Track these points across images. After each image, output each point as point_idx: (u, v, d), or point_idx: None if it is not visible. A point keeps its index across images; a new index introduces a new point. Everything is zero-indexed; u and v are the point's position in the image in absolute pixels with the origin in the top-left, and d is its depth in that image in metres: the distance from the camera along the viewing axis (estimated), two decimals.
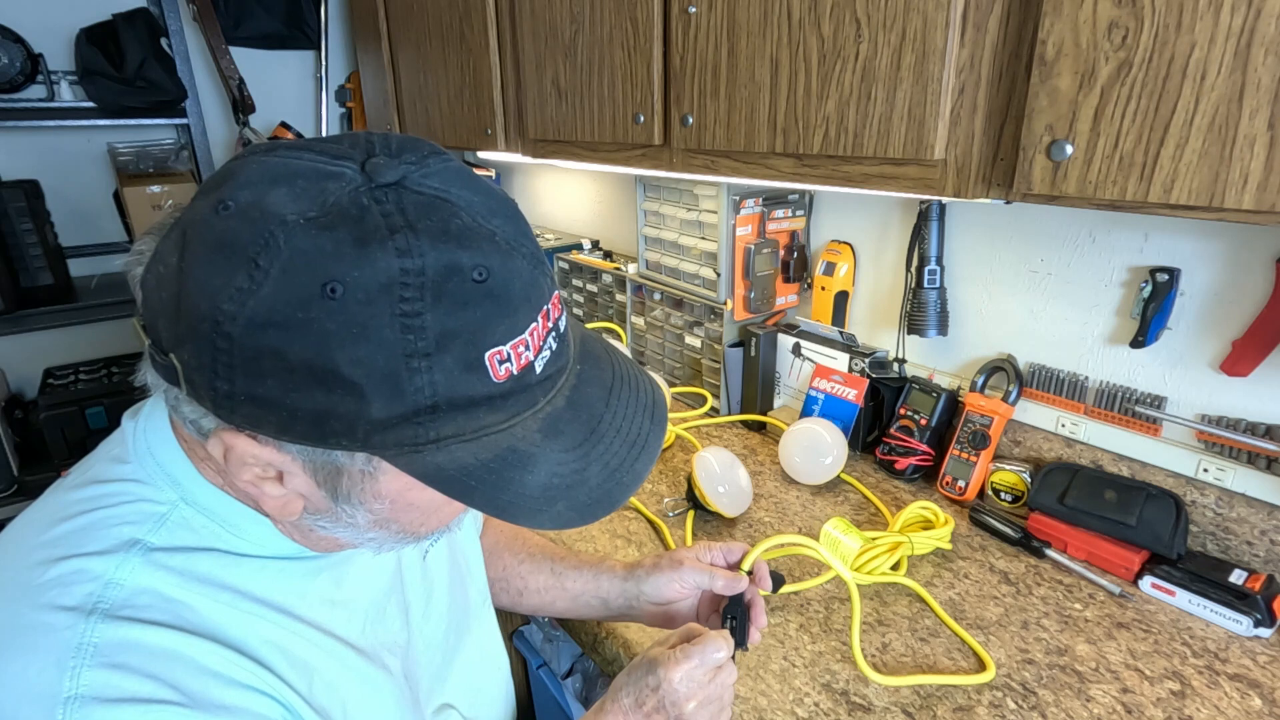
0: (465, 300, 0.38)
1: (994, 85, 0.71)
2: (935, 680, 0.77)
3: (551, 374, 0.44)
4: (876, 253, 1.27)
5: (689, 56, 0.99)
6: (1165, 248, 0.93)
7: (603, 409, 0.47)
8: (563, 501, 0.44)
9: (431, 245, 0.37)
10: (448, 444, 0.40)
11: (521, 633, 1.26)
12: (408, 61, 1.75)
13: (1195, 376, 0.93)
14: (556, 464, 0.43)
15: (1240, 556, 0.91)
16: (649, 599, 0.73)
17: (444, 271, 0.38)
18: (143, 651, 0.42)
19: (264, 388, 0.37)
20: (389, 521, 0.47)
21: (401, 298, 0.37)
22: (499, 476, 0.41)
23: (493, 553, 0.83)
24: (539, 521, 0.44)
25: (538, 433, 0.43)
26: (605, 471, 0.46)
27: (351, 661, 0.54)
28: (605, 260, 1.70)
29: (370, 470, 0.42)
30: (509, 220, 0.42)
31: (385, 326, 0.37)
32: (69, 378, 2.10)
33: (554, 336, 0.44)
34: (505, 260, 0.40)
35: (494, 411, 0.41)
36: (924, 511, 1.02)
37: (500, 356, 0.40)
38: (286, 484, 0.44)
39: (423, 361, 0.37)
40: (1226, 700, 0.74)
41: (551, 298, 0.44)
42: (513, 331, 0.40)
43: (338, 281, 0.36)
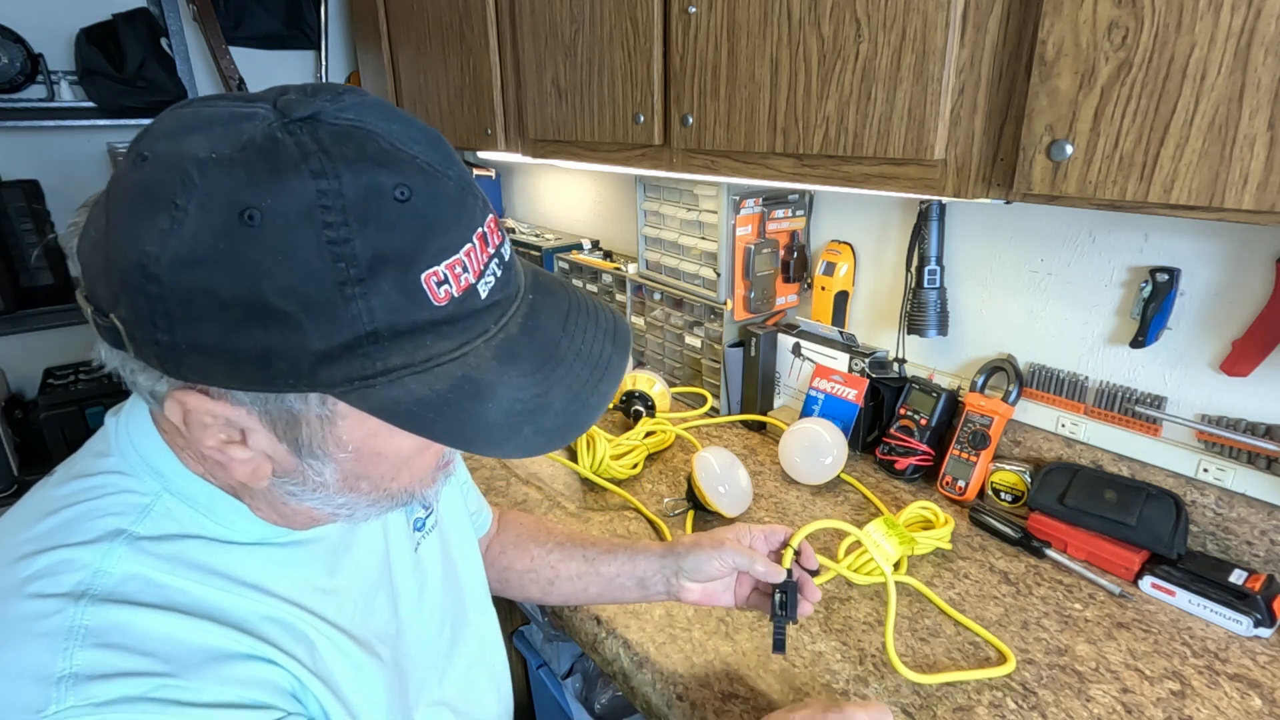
0: (391, 221, 0.38)
1: (994, 85, 0.71)
2: (965, 677, 0.76)
3: (499, 300, 0.44)
4: (876, 253, 1.27)
5: (689, 56, 0.99)
6: (1165, 248, 0.93)
7: (560, 334, 0.47)
8: (529, 427, 0.43)
9: (348, 167, 0.37)
10: (399, 376, 0.40)
11: (521, 633, 1.26)
12: (408, 61, 1.75)
13: (1195, 376, 0.93)
14: (517, 389, 0.43)
15: (1240, 556, 0.91)
16: (688, 576, 0.73)
17: (364, 192, 0.37)
18: (135, 632, 0.42)
19: (202, 332, 0.37)
20: (359, 478, 0.46)
21: (325, 223, 0.36)
22: (457, 407, 0.41)
23: (517, 546, 0.84)
24: (507, 450, 0.43)
25: (493, 360, 0.43)
26: (569, 395, 0.45)
27: (346, 646, 0.54)
28: (605, 260, 1.70)
29: (327, 414, 0.42)
30: (431, 147, 0.41)
31: (312, 253, 0.36)
32: (69, 378, 2.10)
33: (497, 263, 0.43)
34: (428, 181, 0.40)
35: (441, 338, 0.41)
36: (924, 511, 1.02)
37: (437, 278, 0.39)
38: (250, 443, 0.44)
39: (356, 288, 0.37)
40: (1226, 700, 0.74)
41: (486, 221, 0.43)
42: (446, 252, 0.40)
43: (254, 208, 0.36)
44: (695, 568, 0.73)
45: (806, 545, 0.71)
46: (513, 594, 0.84)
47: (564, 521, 1.09)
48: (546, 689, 1.16)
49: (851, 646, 0.82)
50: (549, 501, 1.14)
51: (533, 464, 1.26)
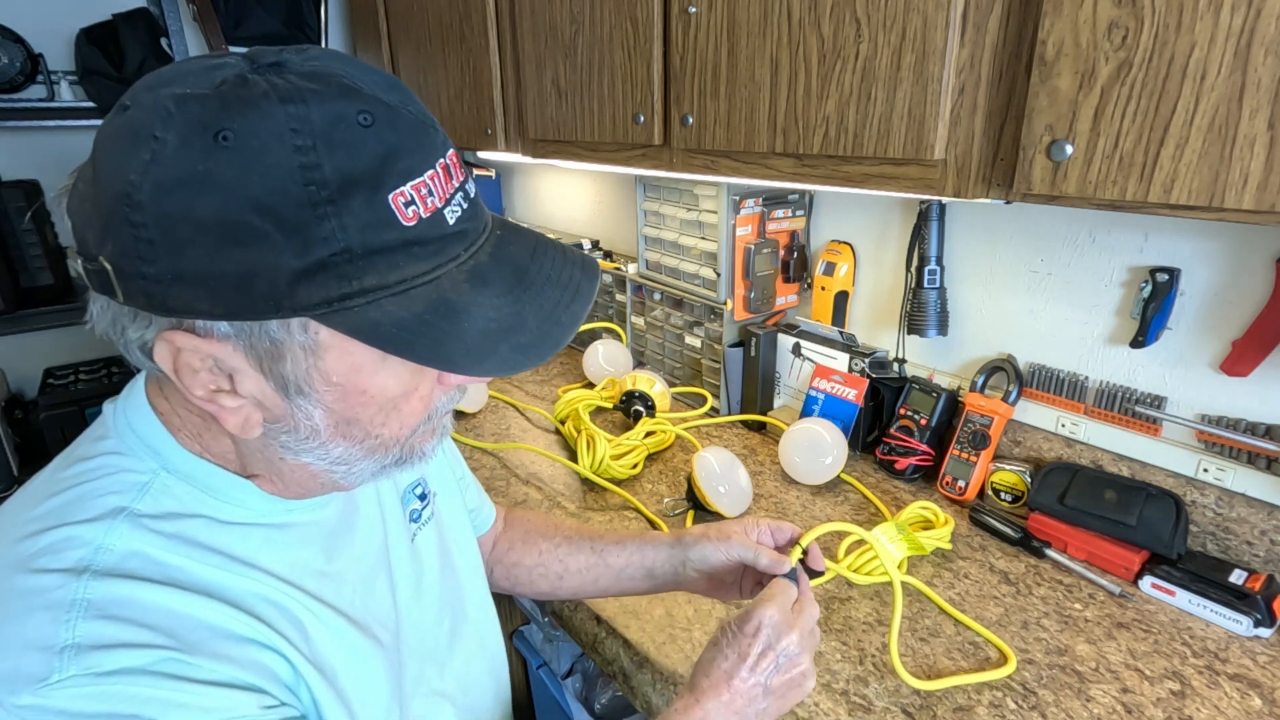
0: (356, 145, 0.40)
1: (994, 85, 0.71)
2: (967, 681, 0.76)
3: (467, 229, 0.45)
4: (876, 253, 1.27)
5: (689, 56, 0.99)
6: (1165, 248, 0.93)
7: (529, 262, 0.49)
8: (505, 344, 0.45)
9: (314, 96, 0.39)
10: (376, 298, 0.41)
11: (521, 633, 1.26)
12: (408, 61, 1.75)
13: (1195, 376, 0.93)
14: (491, 309, 0.45)
15: (1240, 556, 0.91)
16: (694, 566, 0.74)
17: (330, 117, 0.39)
18: (136, 606, 0.43)
19: (186, 259, 0.39)
20: (349, 422, 0.47)
21: (296, 146, 0.38)
22: (434, 328, 0.43)
23: (526, 541, 0.84)
24: (486, 368, 0.45)
25: (465, 283, 0.45)
26: (541, 314, 0.47)
27: (343, 629, 0.54)
28: (605, 260, 1.70)
29: (310, 344, 0.43)
30: (391, 88, 0.43)
31: (285, 174, 0.38)
32: (69, 378, 2.10)
33: (463, 196, 0.46)
34: (389, 110, 0.42)
35: (413, 260, 0.42)
36: (924, 511, 1.02)
37: (404, 198, 0.41)
38: (240, 389, 0.44)
39: (328, 207, 0.39)
40: (1226, 700, 0.74)
41: (448, 155, 0.45)
42: (410, 173, 0.42)
43: (227, 129, 0.38)
44: (701, 558, 0.74)
45: (815, 547, 0.72)
46: (522, 590, 0.84)
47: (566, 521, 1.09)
48: (546, 689, 1.16)
49: (851, 646, 0.82)
50: (549, 501, 1.14)
51: (533, 464, 1.26)
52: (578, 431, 1.26)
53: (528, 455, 1.29)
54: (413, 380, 0.48)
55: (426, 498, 0.72)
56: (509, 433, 1.38)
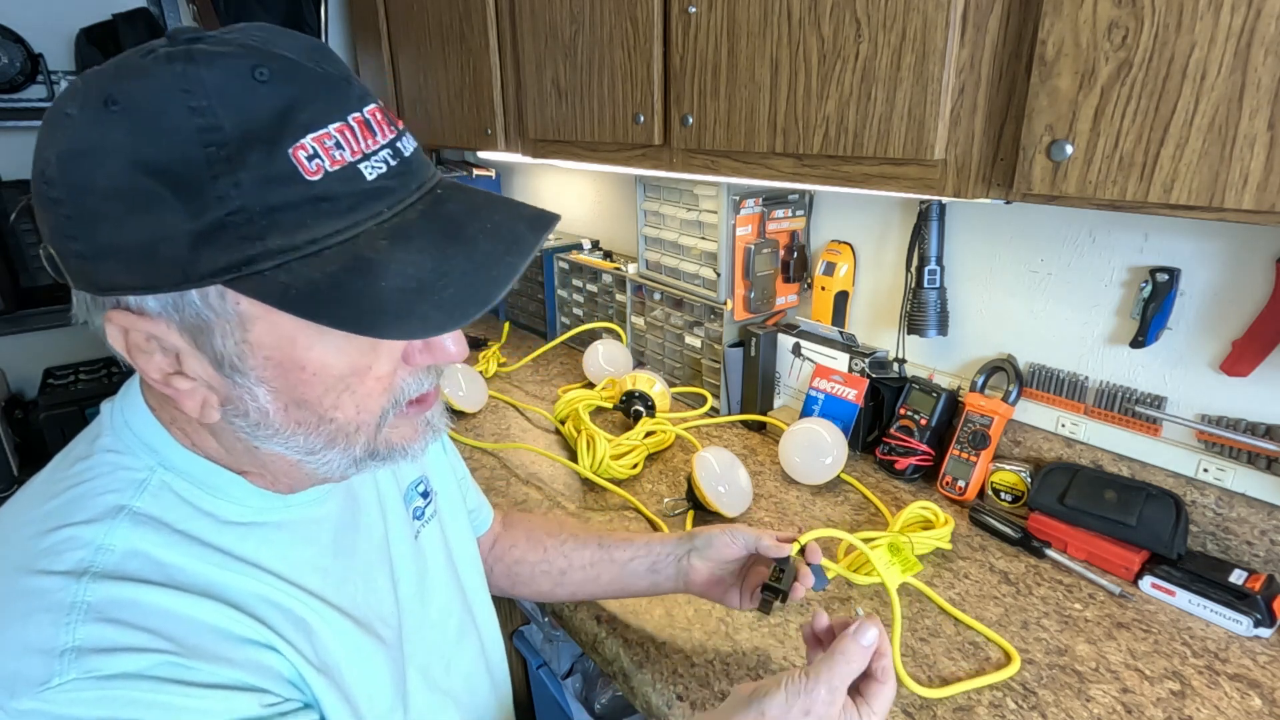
0: (252, 99, 0.39)
1: (994, 85, 0.71)
2: (973, 685, 0.76)
3: (391, 187, 0.43)
4: (876, 253, 1.27)
5: (689, 56, 0.99)
6: (1165, 248, 0.93)
7: (465, 217, 0.45)
8: (426, 302, 0.41)
9: (206, 56, 0.39)
10: (285, 260, 0.40)
11: (521, 633, 1.26)
12: (408, 61, 1.75)
13: (1195, 376, 0.93)
14: (411, 266, 0.42)
15: (1240, 556, 0.91)
16: (700, 555, 0.76)
17: (224, 74, 0.38)
18: (136, 608, 0.43)
19: (101, 232, 0.39)
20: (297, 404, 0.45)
21: (191, 107, 0.38)
22: (347, 288, 0.40)
23: (530, 540, 0.85)
24: (408, 327, 0.41)
25: (384, 240, 0.42)
26: (470, 266, 0.43)
27: (346, 628, 0.54)
28: (605, 260, 1.70)
29: (232, 314, 0.42)
30: (309, 50, 0.42)
31: (183, 137, 0.38)
32: (69, 378, 2.10)
33: (390, 153, 0.43)
34: (289, 65, 0.40)
35: (323, 217, 0.40)
36: (924, 511, 1.02)
37: (305, 151, 0.39)
38: (186, 368, 0.44)
39: (223, 165, 0.38)
40: (1226, 700, 0.74)
41: (368, 110, 0.43)
42: (311, 126, 0.40)
43: (116, 94, 0.38)
44: (707, 543, 0.75)
45: (814, 545, 0.73)
46: (522, 590, 0.84)
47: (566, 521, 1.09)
48: (546, 689, 1.16)
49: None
50: (549, 501, 1.14)
51: (533, 464, 1.26)
52: (578, 431, 1.26)
53: (528, 455, 1.29)
54: (362, 358, 0.45)
55: (429, 495, 0.72)
56: (509, 433, 1.38)
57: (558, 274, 1.81)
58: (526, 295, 1.92)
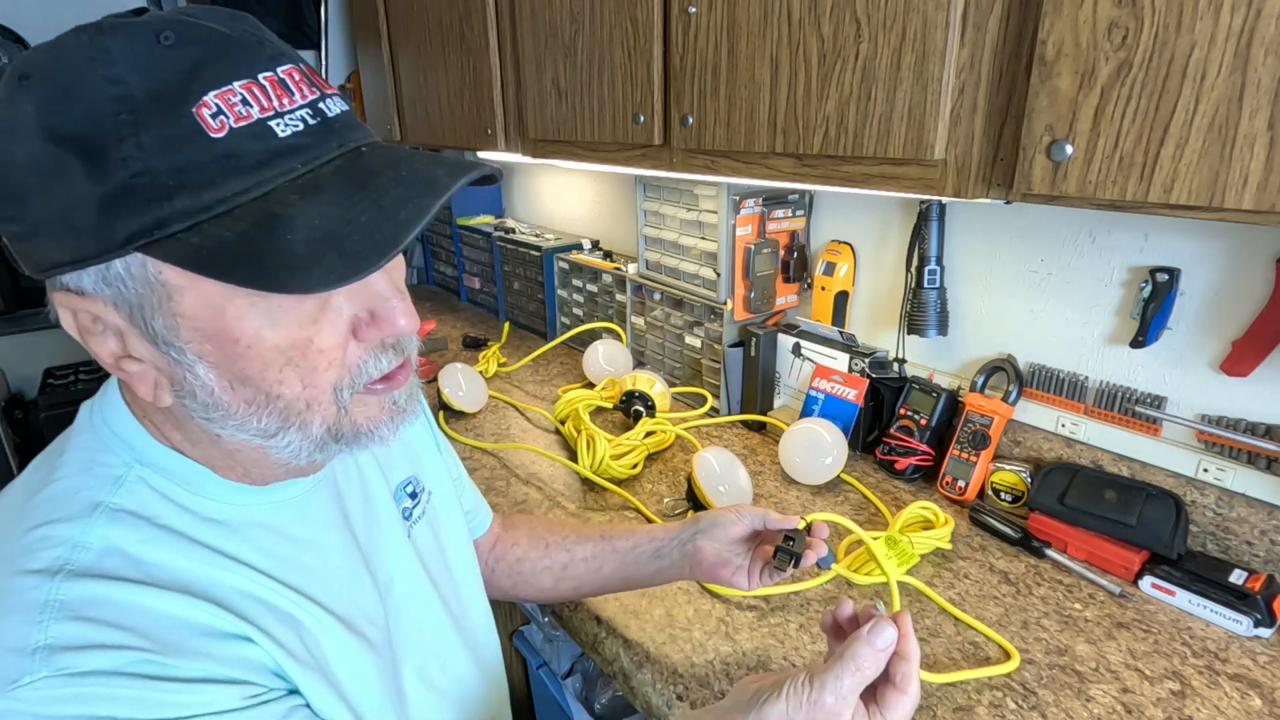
0: (159, 62, 0.39)
1: (994, 85, 0.71)
2: (968, 676, 0.76)
3: (308, 144, 0.42)
4: (876, 253, 1.27)
5: (689, 56, 0.99)
6: (1165, 248, 0.93)
7: (382, 168, 0.44)
8: (332, 252, 0.40)
9: (116, 28, 0.39)
10: (196, 221, 0.40)
11: (521, 633, 1.26)
12: (408, 61, 1.75)
13: (1195, 376, 0.93)
14: (318, 217, 0.40)
15: (1240, 556, 0.91)
16: (706, 536, 0.74)
17: (131, 42, 0.39)
18: (111, 606, 0.43)
19: (29, 208, 0.40)
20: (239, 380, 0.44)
21: (103, 76, 0.38)
22: (256, 244, 0.39)
23: (532, 538, 0.85)
24: (313, 279, 0.39)
25: (295, 195, 0.41)
26: (377, 211, 0.41)
27: (332, 626, 0.54)
28: (605, 260, 1.70)
29: (159, 285, 0.41)
30: (231, 19, 0.43)
31: (97, 106, 0.38)
32: (69, 378, 2.10)
33: (308, 111, 0.43)
34: (198, 29, 0.41)
35: (231, 175, 0.40)
36: (924, 511, 1.02)
37: (209, 109, 0.39)
38: (131, 348, 0.44)
39: (129, 130, 0.38)
40: (1226, 700, 0.74)
41: (284, 70, 0.43)
42: (217, 82, 0.40)
43: (28, 69, 0.39)
44: (712, 523, 0.74)
45: (820, 523, 0.72)
46: (524, 590, 0.84)
47: (566, 521, 1.09)
48: (546, 689, 1.16)
49: None
50: (549, 501, 1.14)
51: (533, 464, 1.26)
52: (578, 431, 1.26)
53: (528, 455, 1.29)
54: (302, 329, 0.44)
55: (418, 495, 0.71)
56: (509, 433, 1.38)
57: (558, 274, 1.81)
58: (526, 295, 1.92)
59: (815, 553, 0.69)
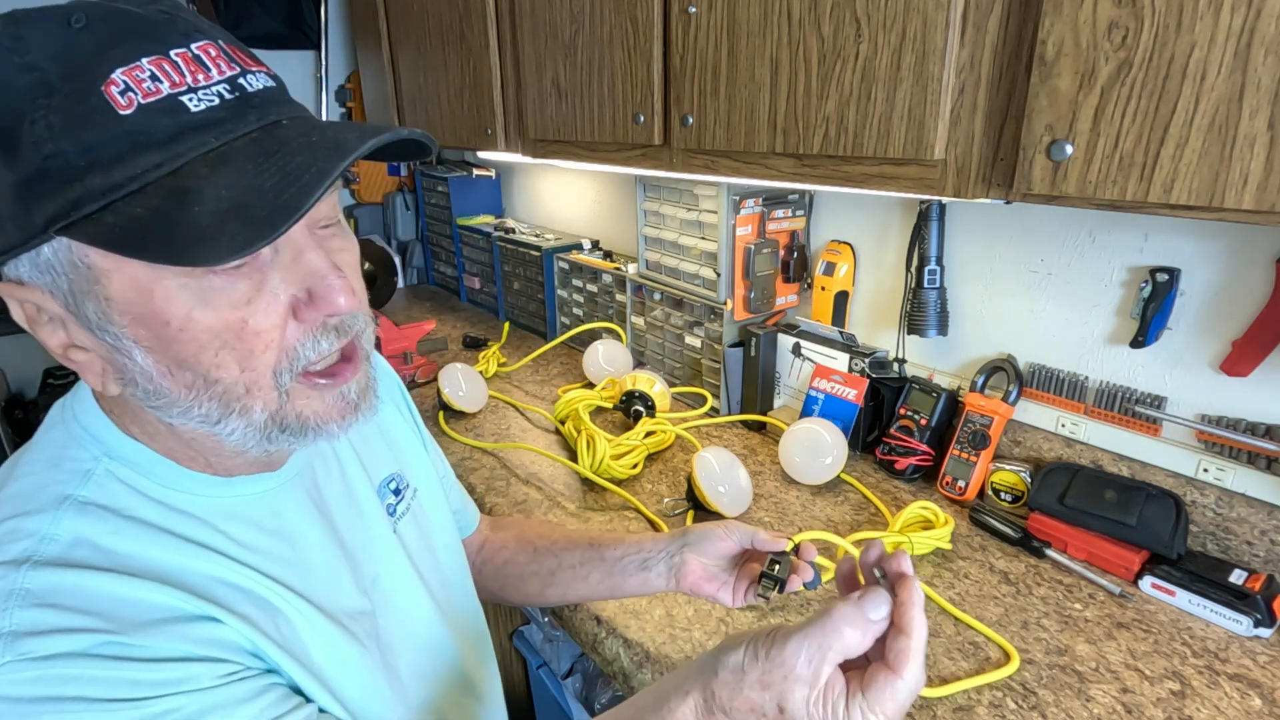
0: (71, 45, 0.39)
1: (994, 85, 0.71)
2: (971, 684, 0.76)
3: (222, 119, 0.42)
4: (876, 253, 1.27)
5: (689, 56, 0.99)
6: (1165, 248, 0.93)
7: (295, 136, 0.43)
8: (236, 221, 0.39)
9: (28, 14, 0.40)
10: (110, 199, 0.40)
11: (521, 633, 1.26)
12: (408, 61, 1.75)
13: (1195, 376, 0.93)
14: (224, 187, 0.40)
15: (1240, 556, 0.91)
16: (693, 550, 0.74)
17: (43, 26, 0.39)
18: (78, 594, 0.43)
19: None
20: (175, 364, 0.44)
21: (18, 64, 0.38)
22: (165, 218, 0.39)
23: (520, 541, 0.84)
24: (217, 251, 0.39)
25: (205, 168, 0.41)
26: (283, 177, 0.41)
27: (310, 615, 0.54)
28: (605, 260, 1.70)
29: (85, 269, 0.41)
30: (145, 3, 0.42)
31: (16, 94, 0.38)
32: (69, 378, 2.10)
33: (225, 87, 0.42)
34: (104, 9, 0.41)
35: (142, 151, 0.40)
36: (924, 511, 1.02)
37: (117, 86, 0.39)
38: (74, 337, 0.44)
39: (40, 112, 0.38)
40: (1226, 700, 0.74)
41: (199, 46, 0.42)
42: (125, 60, 0.40)
43: None
44: (700, 539, 0.74)
45: (808, 544, 0.72)
46: (510, 593, 0.84)
47: (564, 522, 1.09)
48: (546, 689, 1.16)
49: None
50: (549, 501, 1.14)
51: (533, 464, 1.26)
52: (578, 431, 1.26)
53: (528, 455, 1.29)
54: (234, 310, 0.43)
55: (402, 492, 0.71)
56: (509, 433, 1.38)
57: (558, 274, 1.81)
58: (526, 295, 1.92)
59: (800, 577, 0.69)
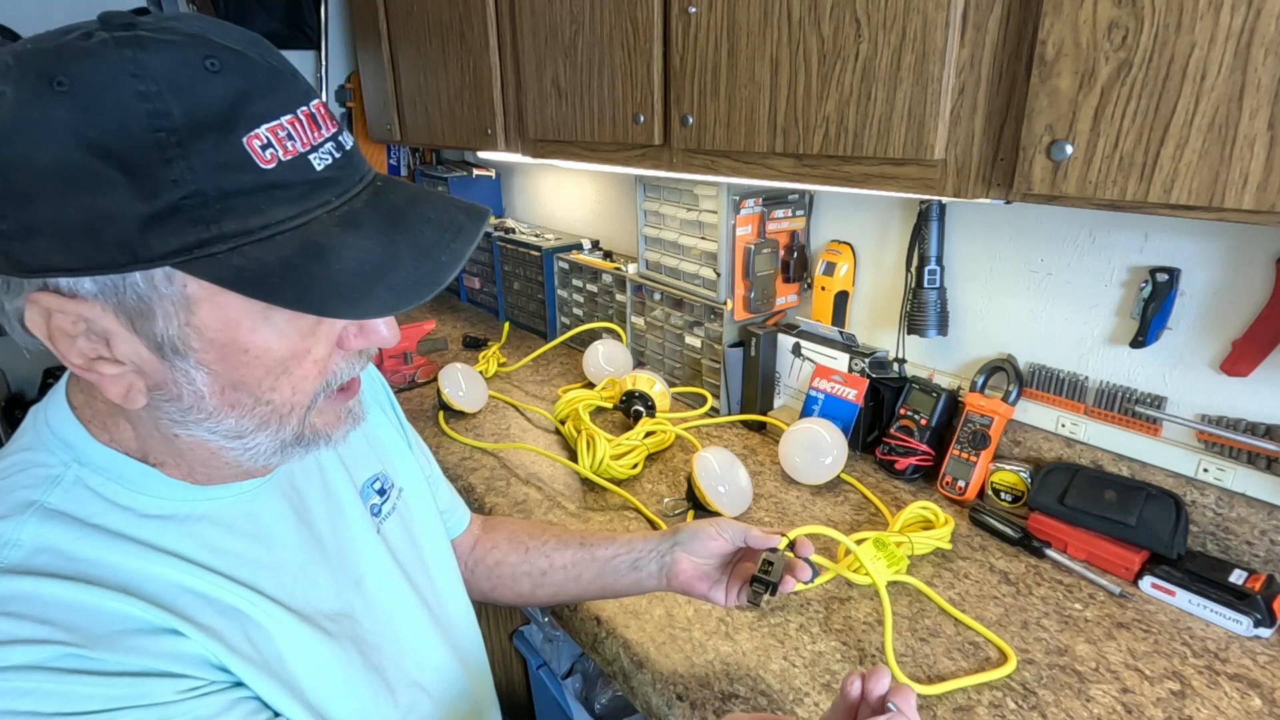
0: (204, 88, 0.40)
1: (994, 85, 0.71)
2: (968, 683, 0.76)
3: (338, 177, 0.45)
4: (876, 253, 1.27)
5: (689, 56, 0.99)
6: (1165, 248, 0.93)
7: (407, 207, 0.48)
8: (379, 285, 0.44)
9: (157, 45, 0.39)
10: (239, 244, 0.41)
11: (521, 633, 1.26)
12: (408, 61, 1.75)
13: (1195, 376, 0.93)
14: (363, 250, 0.44)
15: (1240, 556, 0.91)
16: (684, 549, 0.74)
17: (174, 63, 0.39)
18: (37, 602, 0.43)
19: (33, 211, 0.39)
20: (234, 387, 0.46)
21: (139, 92, 0.38)
22: (302, 271, 0.42)
23: (511, 541, 0.84)
24: (362, 308, 0.43)
25: (335, 226, 0.44)
26: (418, 252, 0.46)
27: (280, 617, 0.54)
28: (605, 260, 1.70)
29: (178, 296, 0.42)
30: (251, 43, 0.43)
31: (127, 117, 0.38)
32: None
33: (334, 146, 0.45)
34: (239, 58, 0.41)
35: (277, 203, 0.42)
36: (924, 511, 1.02)
37: (259, 141, 0.41)
38: (117, 353, 0.44)
39: (175, 150, 0.39)
40: (1226, 700, 0.74)
41: (313, 104, 0.45)
42: (265, 117, 0.41)
43: (62, 75, 0.38)
44: (691, 537, 0.74)
45: (804, 539, 0.72)
46: (502, 593, 0.84)
47: (564, 521, 1.09)
48: (546, 689, 1.16)
49: (851, 646, 0.82)
50: (549, 501, 1.14)
51: (533, 464, 1.26)
52: (578, 431, 1.26)
53: (528, 455, 1.29)
54: (303, 341, 0.47)
55: (386, 492, 0.71)
56: (509, 433, 1.38)
57: (558, 274, 1.81)
58: (526, 295, 1.92)
59: (797, 576, 0.69)
